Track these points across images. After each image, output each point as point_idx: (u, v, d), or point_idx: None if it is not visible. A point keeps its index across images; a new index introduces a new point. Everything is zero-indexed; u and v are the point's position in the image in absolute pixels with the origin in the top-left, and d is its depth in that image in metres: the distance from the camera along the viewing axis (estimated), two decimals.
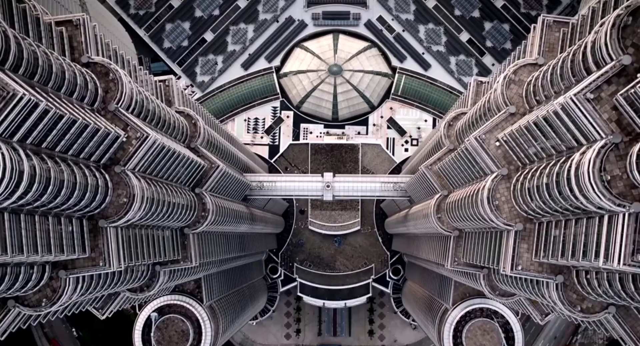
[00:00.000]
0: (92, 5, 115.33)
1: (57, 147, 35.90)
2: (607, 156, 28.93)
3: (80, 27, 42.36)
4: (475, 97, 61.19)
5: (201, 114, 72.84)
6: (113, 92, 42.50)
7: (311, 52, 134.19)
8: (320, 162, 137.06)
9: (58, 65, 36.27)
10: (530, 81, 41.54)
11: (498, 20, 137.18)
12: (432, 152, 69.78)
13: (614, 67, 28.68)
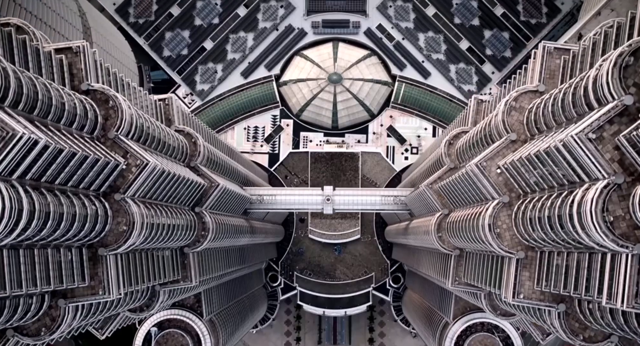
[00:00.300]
0: (91, 15, 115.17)
1: (56, 180, 35.80)
2: (609, 196, 28.87)
3: (80, 54, 42.26)
4: (476, 115, 61.11)
5: (201, 131, 72.74)
6: (113, 119, 42.39)
7: (311, 61, 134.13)
8: (320, 170, 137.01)
9: (58, 97, 36.14)
10: (532, 108, 41.47)
11: (498, 29, 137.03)
12: (433, 168, 69.67)
13: (615, 107, 28.61)
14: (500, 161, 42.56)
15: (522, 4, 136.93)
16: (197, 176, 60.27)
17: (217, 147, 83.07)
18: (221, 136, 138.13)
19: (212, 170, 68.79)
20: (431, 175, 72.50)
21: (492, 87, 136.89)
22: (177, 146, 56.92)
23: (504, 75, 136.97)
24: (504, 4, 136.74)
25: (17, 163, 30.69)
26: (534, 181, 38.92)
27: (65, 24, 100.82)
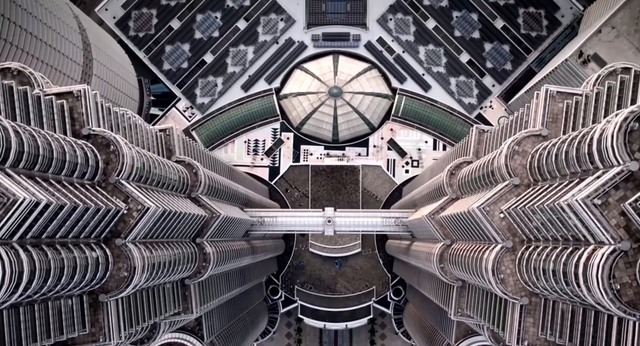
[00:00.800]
0: (91, 31, 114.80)
1: (57, 234, 35.59)
2: (616, 263, 28.64)
3: (81, 98, 42.00)
4: (478, 145, 60.89)
5: (202, 157, 72.56)
6: (114, 163, 42.13)
7: (311, 74, 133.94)
8: (320, 184, 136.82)
9: (59, 148, 35.89)
10: (535, 154, 41.25)
11: (498, 41, 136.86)
12: (434, 194, 69.38)
13: (621, 172, 28.38)
14: (504, 206, 42.33)
15: (523, 16, 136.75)
16: (198, 207, 60.04)
17: (217, 170, 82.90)
18: (221, 150, 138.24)
19: (213, 197, 68.54)
20: (432, 200, 72.37)
21: (493, 100, 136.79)
22: (178, 178, 56.66)
23: (504, 88, 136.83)
24: (505, 17, 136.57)
25: (18, 225, 30.46)
26: (538, 231, 38.68)
27: (65, 42, 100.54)
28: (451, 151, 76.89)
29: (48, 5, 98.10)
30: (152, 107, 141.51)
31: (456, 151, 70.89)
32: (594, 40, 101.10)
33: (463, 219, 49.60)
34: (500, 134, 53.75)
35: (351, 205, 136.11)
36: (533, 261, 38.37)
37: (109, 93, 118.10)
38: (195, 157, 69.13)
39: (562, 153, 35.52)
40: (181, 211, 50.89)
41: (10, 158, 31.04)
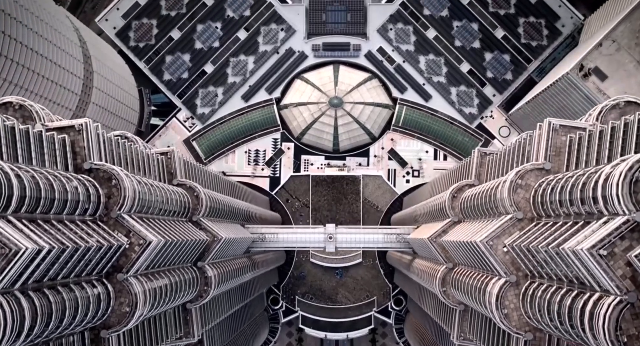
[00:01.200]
0: (91, 42, 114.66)
1: (59, 276, 35.45)
2: (622, 314, 28.50)
3: (82, 132, 41.85)
4: (480, 168, 60.75)
5: (203, 176, 72.40)
6: (116, 197, 41.99)
7: (311, 84, 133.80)
8: (321, 194, 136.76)
9: (61, 188, 35.76)
10: (538, 188, 41.13)
11: (499, 51, 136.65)
12: (436, 213, 69.19)
13: (627, 222, 28.27)
14: (507, 240, 42.22)
15: (523, 26, 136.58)
16: (200, 231, 59.92)
17: (218, 187, 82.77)
18: (222, 160, 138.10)
19: (214, 217, 68.40)
20: (434, 219, 72.25)
21: (493, 110, 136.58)
22: (179, 203, 56.52)
23: (505, 97, 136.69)
24: (505, 26, 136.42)
25: (20, 273, 30.33)
26: (542, 268, 38.55)
27: (66, 56, 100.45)
28: (453, 169, 76.69)
29: (49, 20, 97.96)
30: (153, 118, 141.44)
31: (458, 170, 70.73)
32: (595, 53, 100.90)
33: (466, 248, 49.48)
34: (503, 160, 53.62)
35: (352, 215, 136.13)
36: (537, 298, 38.25)
37: (110, 105, 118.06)
38: (196, 178, 69.07)
39: (566, 193, 35.39)
40: (183, 239, 50.75)
41: (12, 205, 30.94)
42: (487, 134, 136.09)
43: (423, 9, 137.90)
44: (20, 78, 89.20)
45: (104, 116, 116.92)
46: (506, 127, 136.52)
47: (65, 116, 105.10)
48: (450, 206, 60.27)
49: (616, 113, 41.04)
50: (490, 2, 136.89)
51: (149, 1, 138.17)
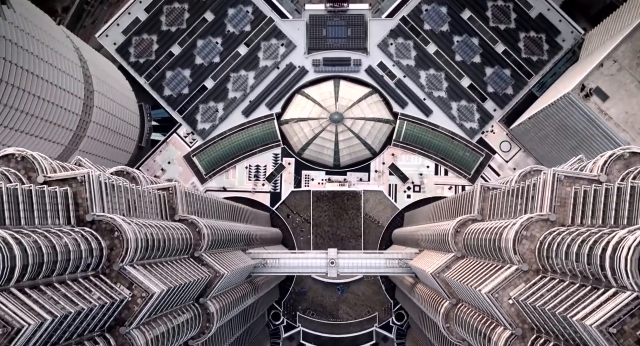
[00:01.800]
0: (91, 60, 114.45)
1: (61, 340, 35.22)
2: None
3: (85, 184, 41.66)
4: (483, 203, 60.51)
5: (204, 204, 72.16)
6: (118, 249, 41.82)
7: (312, 100, 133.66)
8: (322, 209, 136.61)
9: (63, 248, 35.61)
10: (543, 241, 40.95)
11: (499, 66, 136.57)
12: (438, 244, 68.94)
13: (636, 298, 28.07)
14: (513, 292, 42.03)
15: (524, 41, 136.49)
16: (202, 266, 59.68)
17: (219, 213, 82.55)
18: (222, 175, 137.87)
19: (216, 248, 68.16)
20: (437, 248, 72.00)
21: (494, 125, 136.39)
22: (181, 240, 56.30)
23: (506, 112, 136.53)
24: (505, 41, 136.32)
25: None
26: (547, 326, 38.32)
27: (66, 78, 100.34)
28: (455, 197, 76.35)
29: (49, 42, 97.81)
30: (154, 133, 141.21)
31: (461, 200, 70.40)
32: (596, 73, 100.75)
33: (471, 294, 49.24)
34: (506, 200, 53.35)
35: (353, 231, 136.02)
36: None
37: (110, 123, 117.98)
38: (197, 209, 68.86)
39: (573, 253, 35.21)
40: (186, 281, 50.55)
41: (15, 276, 30.80)
42: (488, 149, 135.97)
43: (423, 24, 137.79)
44: (21, 103, 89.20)
45: (105, 134, 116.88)
46: (507, 142, 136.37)
47: (66, 137, 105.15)
48: (454, 240, 60.07)
49: (621, 164, 40.83)
50: (490, 16, 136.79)
51: (150, 17, 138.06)
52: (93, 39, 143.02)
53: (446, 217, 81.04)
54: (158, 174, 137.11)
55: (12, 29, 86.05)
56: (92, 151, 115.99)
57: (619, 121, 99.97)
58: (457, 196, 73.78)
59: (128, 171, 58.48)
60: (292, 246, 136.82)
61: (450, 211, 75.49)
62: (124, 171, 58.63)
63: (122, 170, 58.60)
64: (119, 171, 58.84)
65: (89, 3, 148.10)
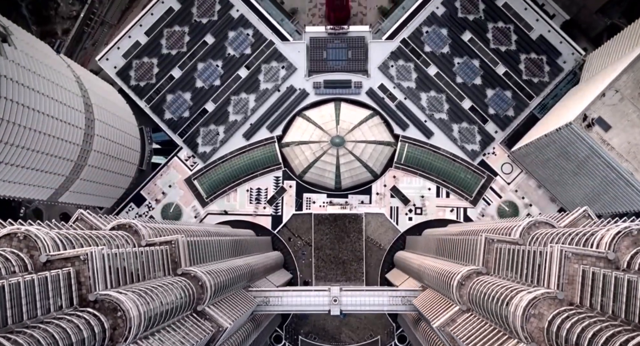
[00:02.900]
0: (92, 88, 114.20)
1: None
2: None
3: (87, 262, 41.45)
4: (487, 255, 60.25)
5: (206, 249, 71.91)
6: (121, 328, 41.59)
7: (313, 123, 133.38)
8: (323, 232, 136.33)
9: (65, 338, 35.33)
10: (552, 322, 40.66)
11: (500, 88, 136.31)
12: (442, 288, 68.63)
13: None
14: None
15: (524, 62, 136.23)
16: (205, 321, 59.43)
17: (221, 252, 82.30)
18: (223, 199, 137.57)
19: (219, 294, 67.95)
20: (440, 289, 71.72)
21: (496, 146, 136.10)
22: (183, 298, 56.07)
23: (507, 134, 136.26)
24: (506, 63, 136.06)
25: None
26: None
27: (67, 109, 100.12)
28: (459, 240, 75.90)
29: (50, 76, 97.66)
30: (155, 156, 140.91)
31: (465, 245, 70.05)
32: (598, 103, 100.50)
33: None
34: (511, 259, 53.08)
35: (354, 254, 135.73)
36: None
37: (111, 150, 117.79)
38: (200, 256, 68.61)
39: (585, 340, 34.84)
40: (189, 344, 50.33)
41: None
42: (489, 171, 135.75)
43: (424, 46, 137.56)
44: (22, 139, 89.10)
45: (106, 161, 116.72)
46: (509, 164, 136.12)
47: (67, 168, 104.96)
48: (458, 293, 59.81)
49: (629, 241, 40.52)
50: (491, 38, 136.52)
51: (150, 40, 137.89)
52: (93, 62, 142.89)
53: (449, 255, 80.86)
54: (159, 198, 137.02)
55: (13, 67, 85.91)
56: (93, 178, 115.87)
57: (622, 151, 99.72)
58: (462, 238, 73.52)
59: (130, 225, 58.23)
60: (293, 269, 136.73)
61: (454, 252, 75.21)
62: (125, 224, 58.37)
63: (124, 224, 58.34)
64: (121, 224, 58.58)
65: (89, 25, 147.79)
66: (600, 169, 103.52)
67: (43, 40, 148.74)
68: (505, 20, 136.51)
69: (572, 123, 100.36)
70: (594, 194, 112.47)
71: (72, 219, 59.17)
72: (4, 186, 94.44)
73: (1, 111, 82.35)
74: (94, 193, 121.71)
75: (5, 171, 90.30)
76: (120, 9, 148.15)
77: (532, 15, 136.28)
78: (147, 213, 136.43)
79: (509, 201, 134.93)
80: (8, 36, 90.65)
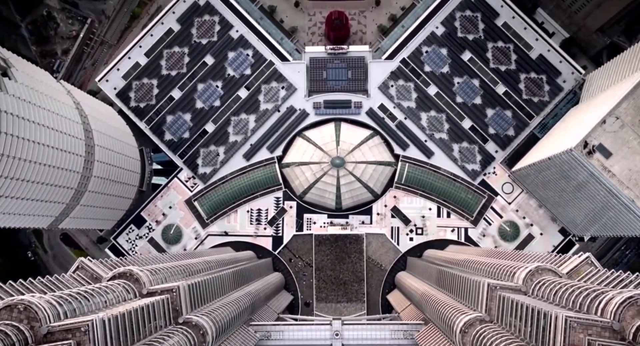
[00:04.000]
0: (92, 114, 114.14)
1: None
2: None
3: (88, 333, 41.32)
4: (490, 302, 60.11)
5: (208, 288, 71.78)
6: None
7: (313, 143, 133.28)
8: (324, 253, 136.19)
9: None
10: None
11: (500, 107, 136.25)
12: (445, 329, 68.51)
13: None
14: None
15: (524, 82, 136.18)
16: None
17: (223, 287, 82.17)
18: (224, 220, 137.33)
19: (220, 337, 67.86)
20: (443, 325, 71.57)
21: (496, 166, 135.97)
22: None
23: (507, 154, 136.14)
24: (506, 82, 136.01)
25: None
26: None
27: (67, 138, 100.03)
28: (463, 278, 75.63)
29: (50, 105, 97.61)
30: (155, 177, 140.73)
31: (468, 285, 69.79)
32: (599, 130, 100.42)
33: None
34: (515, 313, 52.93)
35: (355, 275, 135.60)
36: None
37: (111, 174, 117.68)
38: (201, 299, 68.48)
39: None
40: None
41: None
42: (490, 190, 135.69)
43: (424, 66, 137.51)
44: (22, 172, 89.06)
45: (106, 185, 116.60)
46: (509, 184, 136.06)
47: (67, 196, 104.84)
48: (462, 341, 59.70)
49: (634, 310, 40.39)
50: (491, 58, 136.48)
51: (150, 61, 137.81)
52: (93, 82, 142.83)
53: (450, 290, 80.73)
54: (159, 219, 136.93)
55: (13, 102, 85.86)
56: (93, 203, 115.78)
57: (623, 178, 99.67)
58: (464, 277, 73.24)
59: (131, 272, 58.08)
60: (294, 290, 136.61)
61: (456, 289, 75.06)
62: (126, 272, 58.27)
63: (124, 272, 58.23)
64: (122, 273, 58.49)
65: (89, 45, 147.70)
66: (601, 194, 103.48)
67: (43, 60, 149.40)
68: (505, 40, 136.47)
69: (573, 150, 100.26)
70: (594, 215, 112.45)
71: (73, 268, 59.09)
72: (4, 218, 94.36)
73: (1, 146, 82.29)
74: (94, 217, 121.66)
75: (5, 204, 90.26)
76: (119, 28, 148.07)
77: (531, 34, 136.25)
78: (147, 234, 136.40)
79: (510, 220, 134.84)
80: (8, 69, 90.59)
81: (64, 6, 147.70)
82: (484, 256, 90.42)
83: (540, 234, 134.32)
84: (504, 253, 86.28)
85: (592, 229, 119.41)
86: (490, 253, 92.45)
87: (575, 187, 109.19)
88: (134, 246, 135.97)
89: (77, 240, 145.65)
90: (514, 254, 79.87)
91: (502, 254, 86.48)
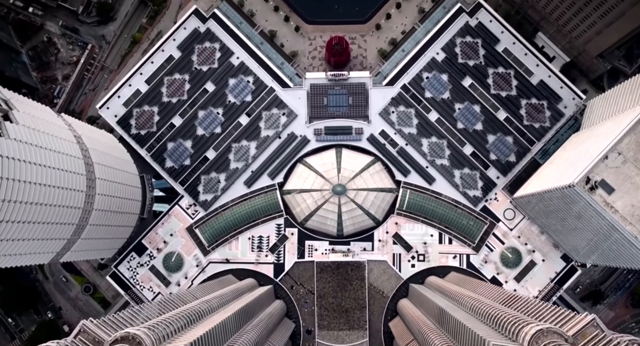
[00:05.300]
0: (93, 147, 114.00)
1: None
2: None
3: None
4: None
5: (220, 336, 71.66)
6: None
7: (314, 170, 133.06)
8: (326, 280, 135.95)
9: None
10: None
11: (502, 133, 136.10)
12: None
13: None
14: None
15: (525, 108, 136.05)
16: None
17: (231, 328, 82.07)
18: (225, 247, 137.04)
19: None
20: None
21: (498, 192, 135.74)
22: None
23: (509, 180, 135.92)
24: (507, 108, 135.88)
25: None
26: None
27: (68, 175, 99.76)
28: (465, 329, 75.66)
29: (51, 144, 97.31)
30: (156, 204, 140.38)
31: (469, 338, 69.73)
32: (601, 166, 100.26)
33: None
34: None
35: (357, 302, 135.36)
36: None
37: (112, 205, 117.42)
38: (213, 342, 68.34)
39: None
40: None
41: None
42: (492, 217, 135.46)
43: (424, 92, 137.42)
44: (23, 214, 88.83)
45: (107, 216, 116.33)
46: (511, 210, 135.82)
47: (68, 232, 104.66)
48: None
49: None
50: (491, 84, 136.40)
51: (150, 88, 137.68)
52: (93, 108, 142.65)
53: (452, 334, 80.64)
54: (160, 247, 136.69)
55: (14, 145, 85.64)
56: (95, 236, 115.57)
57: (625, 214, 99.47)
58: (467, 328, 73.02)
59: (133, 336, 57.92)
60: (296, 318, 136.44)
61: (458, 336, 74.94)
62: (128, 336, 58.11)
63: (126, 336, 58.07)
64: (123, 336, 58.31)
65: (90, 70, 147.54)
66: (605, 229, 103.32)
67: (43, 86, 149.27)
68: (506, 66, 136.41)
69: (575, 185, 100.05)
70: (596, 244, 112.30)
71: (75, 333, 58.90)
72: (5, 259, 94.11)
73: (3, 191, 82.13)
74: (95, 248, 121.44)
75: (7, 246, 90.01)
76: (120, 54, 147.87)
77: (532, 60, 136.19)
78: (148, 262, 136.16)
79: (512, 247, 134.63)
80: (10, 111, 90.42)
81: (64, 32, 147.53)
82: (484, 294, 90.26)
83: (543, 260, 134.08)
84: (506, 293, 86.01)
85: (593, 257, 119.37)
86: (492, 292, 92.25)
87: (577, 220, 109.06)
88: (135, 274, 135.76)
89: (79, 267, 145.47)
90: (516, 297, 79.54)
91: (503, 293, 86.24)
